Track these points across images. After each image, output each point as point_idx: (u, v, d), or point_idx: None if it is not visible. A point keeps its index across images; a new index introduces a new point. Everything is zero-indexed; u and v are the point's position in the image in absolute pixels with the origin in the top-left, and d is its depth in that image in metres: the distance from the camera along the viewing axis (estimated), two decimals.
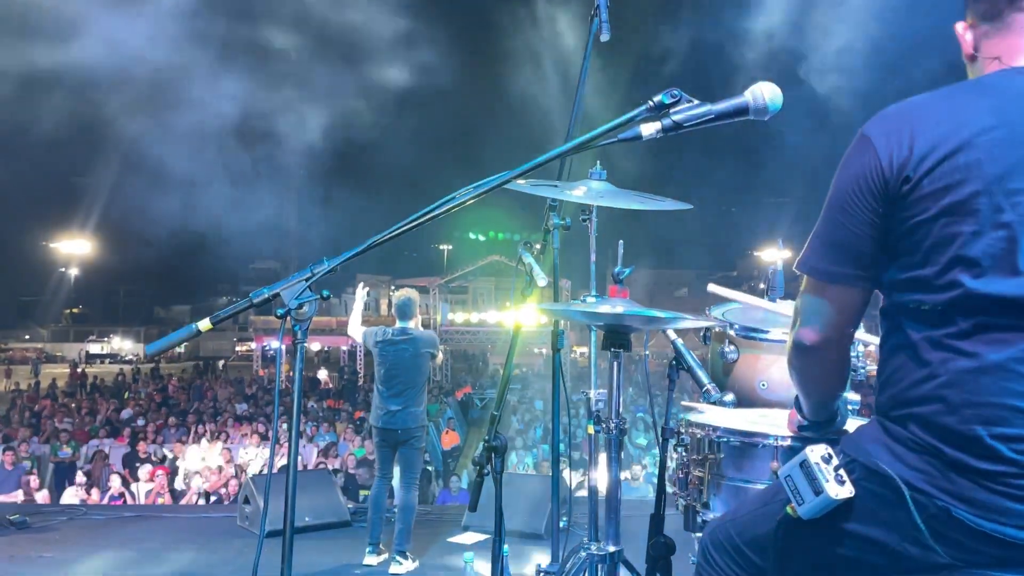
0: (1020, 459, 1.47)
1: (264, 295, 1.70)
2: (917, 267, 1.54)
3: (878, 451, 1.59)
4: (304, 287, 1.69)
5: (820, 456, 1.59)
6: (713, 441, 2.16)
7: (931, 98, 1.62)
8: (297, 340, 1.70)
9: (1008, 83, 1.59)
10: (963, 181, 1.49)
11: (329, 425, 17.39)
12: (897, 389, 1.60)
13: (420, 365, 6.21)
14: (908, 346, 1.58)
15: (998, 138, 1.49)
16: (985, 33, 1.68)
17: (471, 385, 29.93)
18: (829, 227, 1.66)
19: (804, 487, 1.59)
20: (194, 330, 1.70)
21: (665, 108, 1.68)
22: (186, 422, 17.49)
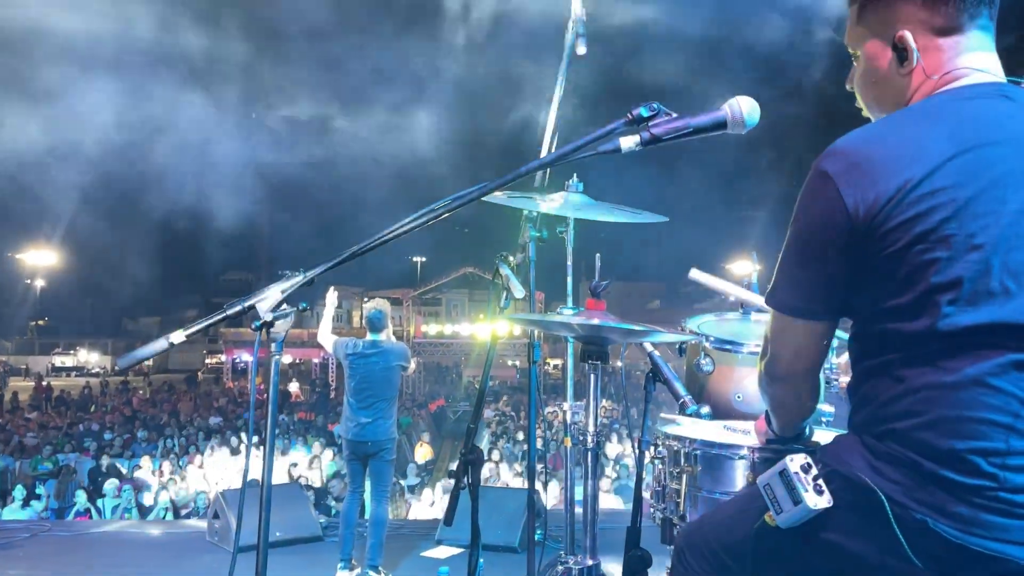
0: (998, 473, 1.48)
1: (239, 306, 1.68)
2: (892, 296, 1.54)
3: (858, 462, 1.59)
4: (280, 299, 1.67)
5: (800, 465, 1.60)
6: (690, 453, 2.17)
7: (884, 129, 1.61)
8: (272, 352, 1.68)
9: (958, 106, 1.59)
10: (932, 209, 1.49)
11: (301, 438, 17.21)
12: (873, 407, 1.60)
13: (391, 378, 6.18)
14: (883, 366, 1.59)
15: (960, 164, 1.50)
16: (936, 47, 1.65)
17: (444, 398, 29.83)
18: (795, 265, 1.65)
19: (783, 496, 1.60)
20: (167, 342, 1.67)
21: (644, 121, 1.69)
22: (154, 436, 17.22)
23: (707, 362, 2.61)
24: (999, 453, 1.49)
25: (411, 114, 23.51)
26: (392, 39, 21.19)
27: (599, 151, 1.71)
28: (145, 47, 18.78)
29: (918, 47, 1.65)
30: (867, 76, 1.75)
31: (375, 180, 35.17)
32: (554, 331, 2.61)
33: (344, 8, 22.19)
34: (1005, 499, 1.49)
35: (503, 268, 2.63)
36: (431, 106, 23.85)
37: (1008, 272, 1.49)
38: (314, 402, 26.24)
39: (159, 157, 21.12)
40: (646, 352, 2.59)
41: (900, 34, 1.66)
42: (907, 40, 1.65)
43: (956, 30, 1.65)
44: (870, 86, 1.75)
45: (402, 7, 23.77)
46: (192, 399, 24.98)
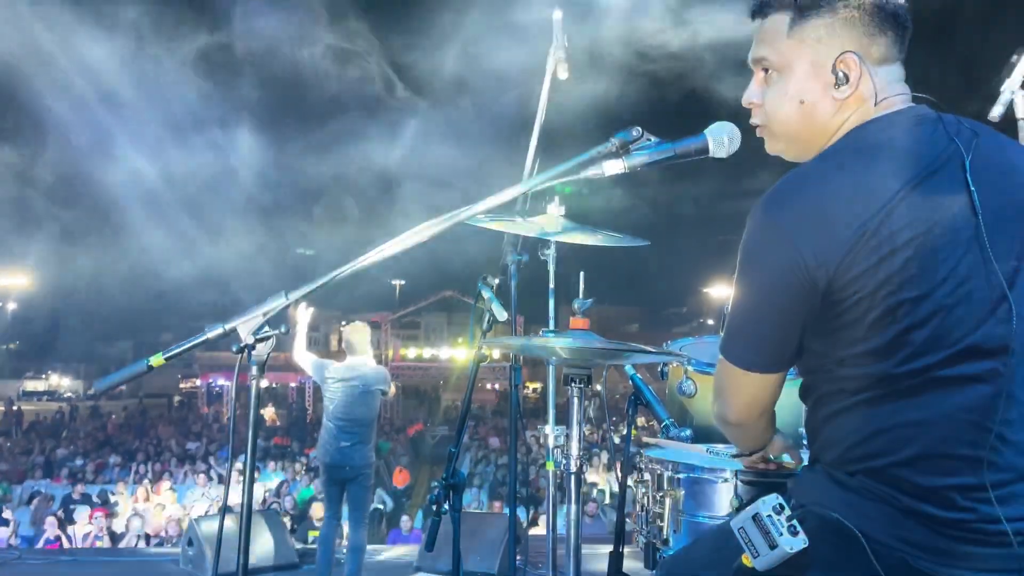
0: (975, 506, 1.48)
1: (219, 329, 1.65)
2: (860, 342, 1.51)
3: (831, 501, 1.57)
4: (261, 322, 1.65)
5: (772, 507, 1.57)
6: (673, 477, 2.16)
7: (826, 172, 1.56)
8: (252, 376, 1.65)
9: (891, 139, 1.57)
10: (893, 251, 1.47)
11: (277, 463, 17.00)
12: (844, 446, 1.58)
13: (370, 402, 6.13)
14: (852, 407, 1.56)
15: (911, 202, 1.49)
16: (872, 75, 1.63)
17: (423, 422, 29.60)
18: (749, 319, 1.61)
19: (758, 539, 1.58)
20: (145, 365, 1.64)
21: (627, 145, 1.70)
22: (127, 462, 16.93)
23: (689, 385, 2.61)
24: (975, 488, 1.48)
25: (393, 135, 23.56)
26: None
27: (583, 175, 1.72)
28: (121, 79, 18.74)
29: (860, 71, 1.62)
30: (794, 95, 1.67)
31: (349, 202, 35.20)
32: (537, 355, 2.61)
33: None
34: (981, 529, 1.48)
35: (485, 291, 2.63)
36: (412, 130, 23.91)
37: (973, 304, 1.49)
38: (290, 426, 25.94)
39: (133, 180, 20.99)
40: (628, 375, 2.59)
41: (847, 56, 1.62)
42: (854, 63, 1.62)
43: (888, 60, 1.66)
44: (794, 106, 1.67)
45: None
46: (167, 424, 24.62)
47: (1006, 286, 1.50)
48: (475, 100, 18.06)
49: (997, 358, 1.50)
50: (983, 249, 1.50)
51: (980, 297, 1.50)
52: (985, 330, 1.49)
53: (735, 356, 1.66)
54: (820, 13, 1.65)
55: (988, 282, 1.50)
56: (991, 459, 1.49)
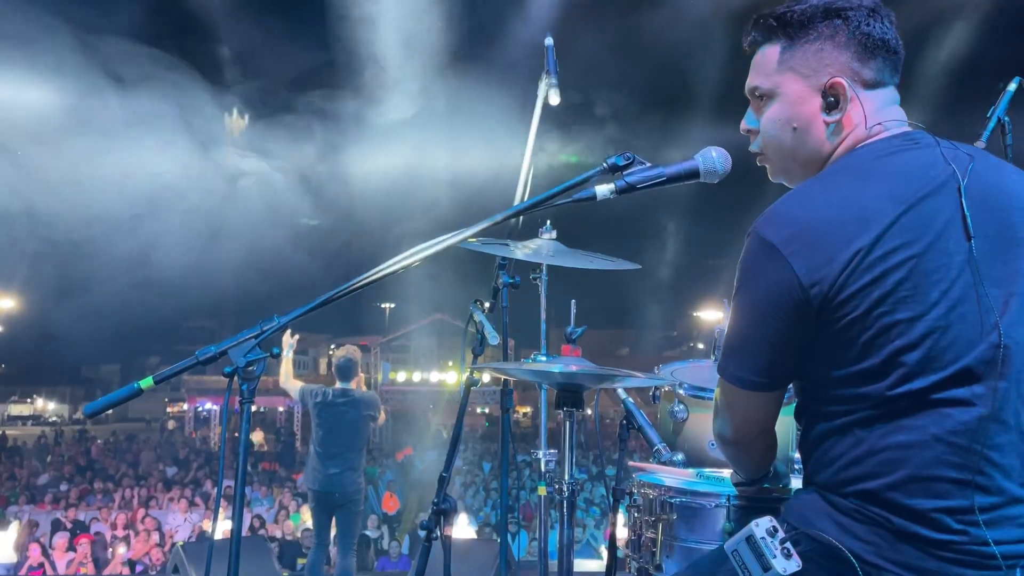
0: (967, 529, 1.49)
1: (211, 352, 1.65)
2: (854, 361, 1.53)
3: (823, 523, 1.57)
4: (253, 344, 1.65)
5: (765, 530, 1.58)
6: (665, 501, 2.15)
7: (819, 192, 1.60)
8: (244, 399, 1.64)
9: (886, 162, 1.60)
10: (887, 272, 1.49)
11: (267, 489, 16.84)
12: (836, 467, 1.59)
13: (360, 428, 6.10)
14: (844, 427, 1.57)
15: (905, 223, 1.51)
16: (864, 99, 1.67)
17: (412, 446, 29.38)
18: (745, 338, 1.64)
19: (752, 562, 1.58)
20: (136, 388, 1.63)
21: (619, 169, 1.72)
22: (112, 487, 16.73)
23: (681, 409, 2.61)
24: (966, 511, 1.49)
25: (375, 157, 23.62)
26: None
27: (574, 198, 1.73)
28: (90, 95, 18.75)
29: (851, 96, 1.66)
30: (786, 121, 1.72)
31: (333, 227, 35.23)
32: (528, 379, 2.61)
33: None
34: (974, 551, 1.49)
35: (477, 315, 2.62)
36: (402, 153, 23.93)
37: (966, 327, 1.50)
38: (279, 452, 25.70)
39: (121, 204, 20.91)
40: (620, 399, 2.59)
41: (836, 81, 1.67)
42: (843, 88, 1.66)
43: (880, 84, 1.69)
44: (788, 132, 1.72)
45: None
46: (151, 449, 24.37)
47: (998, 312, 1.52)
48: None
49: (987, 382, 1.51)
50: (976, 273, 1.52)
51: (972, 321, 1.51)
52: (977, 354, 1.51)
53: (731, 375, 1.68)
54: (809, 40, 1.69)
55: (980, 306, 1.52)
56: (980, 483, 1.50)
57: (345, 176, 21.33)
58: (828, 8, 1.69)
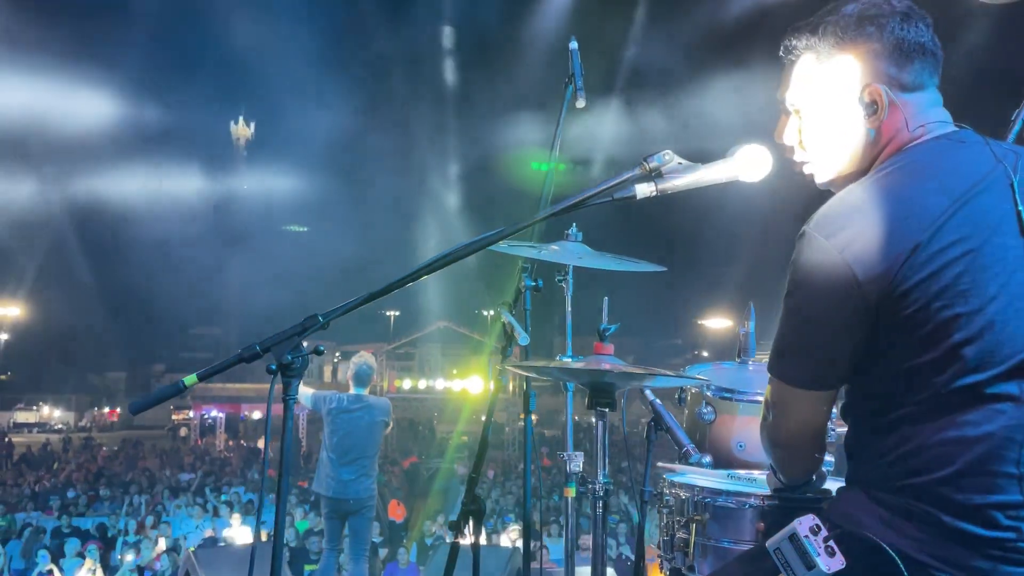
0: (1019, 525, 1.49)
1: (255, 350, 1.66)
2: (911, 356, 1.54)
3: (868, 521, 1.58)
4: (296, 343, 1.66)
5: (809, 528, 1.57)
6: (699, 502, 2.15)
7: (874, 191, 1.61)
8: (287, 397, 1.66)
9: (936, 160, 1.62)
10: (945, 266, 1.50)
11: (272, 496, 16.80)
12: (885, 463, 1.59)
13: (374, 434, 6.09)
14: (895, 422, 1.58)
15: (961, 218, 1.53)
16: (904, 103, 1.69)
17: (417, 454, 29.31)
18: (800, 336, 1.64)
19: (795, 561, 1.58)
20: (181, 386, 1.64)
21: (658, 169, 1.73)
22: (120, 494, 16.72)
23: (708, 411, 2.61)
24: (1017, 506, 1.50)
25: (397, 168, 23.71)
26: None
27: (614, 198, 1.74)
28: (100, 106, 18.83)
29: (888, 101, 1.68)
30: (825, 128, 1.75)
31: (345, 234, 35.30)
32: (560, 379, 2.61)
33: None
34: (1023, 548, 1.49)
35: (506, 316, 2.63)
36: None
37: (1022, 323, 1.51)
38: None
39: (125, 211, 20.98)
40: (648, 401, 2.59)
41: (873, 87, 1.69)
42: (880, 95, 1.68)
43: (919, 87, 1.70)
44: (829, 139, 1.75)
45: None
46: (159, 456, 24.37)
47: None
48: None
49: None
50: None
51: None
52: None
53: (787, 375, 1.67)
54: (844, 49, 1.71)
55: None
56: None
57: None
58: (861, 16, 1.71)
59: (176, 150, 21.90)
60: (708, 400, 2.62)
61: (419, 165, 23.93)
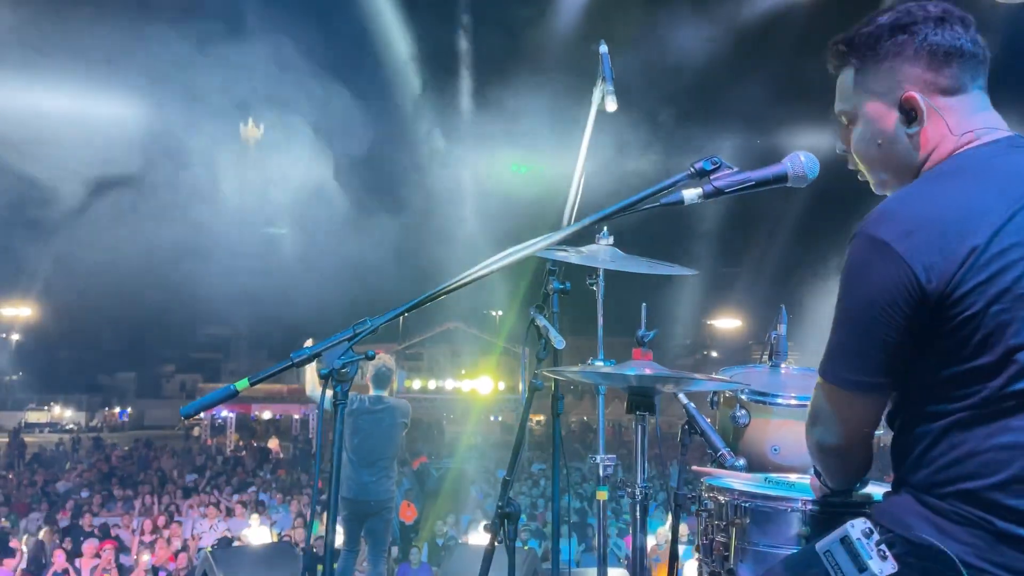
0: None
1: (305, 354, 1.67)
2: (965, 360, 1.53)
3: (921, 525, 1.57)
4: (347, 347, 1.67)
5: (861, 531, 1.57)
6: (739, 506, 2.16)
7: (930, 191, 1.62)
8: (338, 401, 1.67)
9: (993, 163, 1.62)
10: (1004, 268, 1.50)
11: (284, 496, 16.87)
12: (935, 468, 1.59)
13: (395, 435, 6.12)
14: (946, 428, 1.58)
15: (1019, 222, 1.52)
16: (948, 107, 1.69)
17: (427, 455, 29.34)
18: (856, 338, 1.63)
19: (846, 564, 1.57)
20: (233, 390, 1.65)
21: (706, 174, 1.74)
22: (132, 494, 16.80)
23: (743, 414, 2.61)
24: None
25: None
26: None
27: (662, 202, 1.75)
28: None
29: (927, 107, 1.68)
30: (871, 139, 1.76)
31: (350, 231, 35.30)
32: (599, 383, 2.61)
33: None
34: None
35: (539, 319, 2.63)
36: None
37: None
38: (294, 458, 25.74)
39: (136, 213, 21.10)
40: (682, 404, 2.59)
41: (909, 95, 1.69)
42: (916, 102, 1.68)
43: (960, 90, 1.70)
44: (875, 148, 1.76)
45: None
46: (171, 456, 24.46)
47: None
48: None
49: None
50: None
51: None
52: None
53: (842, 378, 1.66)
54: (879, 59, 1.72)
55: None
56: None
57: None
58: (894, 25, 1.72)
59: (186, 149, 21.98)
60: (742, 403, 2.62)
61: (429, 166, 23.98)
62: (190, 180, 20.53)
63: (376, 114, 20.27)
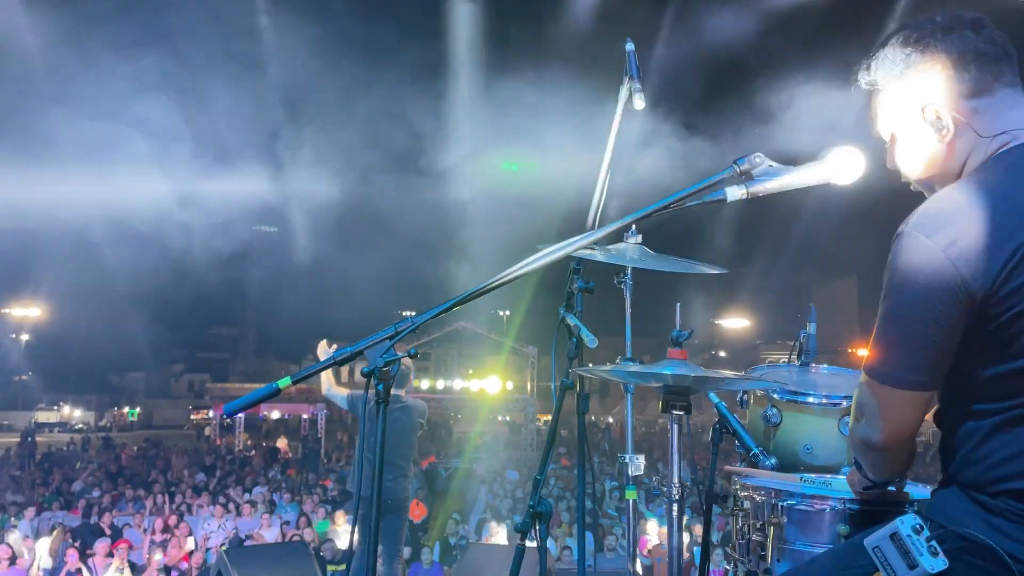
0: None
1: (347, 353, 1.67)
2: (1012, 359, 1.54)
3: (973, 522, 1.57)
4: (389, 345, 1.66)
5: (911, 527, 1.57)
6: (776, 505, 2.14)
7: (973, 192, 1.61)
8: (380, 399, 1.66)
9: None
10: None
11: (293, 495, 16.90)
12: (982, 467, 1.59)
13: (411, 435, 6.12)
14: (993, 428, 1.58)
15: None
16: (975, 110, 1.69)
17: (435, 454, 29.38)
18: (902, 336, 1.64)
19: (896, 560, 1.57)
20: (275, 388, 1.65)
21: (750, 172, 1.72)
22: (143, 493, 16.85)
23: (774, 413, 2.60)
24: None
25: None
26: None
27: (704, 200, 1.74)
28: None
29: (954, 114, 1.69)
30: (908, 151, 1.79)
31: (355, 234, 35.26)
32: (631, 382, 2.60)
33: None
34: None
35: (570, 318, 2.62)
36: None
37: None
38: (304, 458, 25.79)
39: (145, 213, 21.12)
40: (713, 404, 2.58)
41: (932, 107, 1.71)
42: (939, 112, 1.70)
43: (984, 92, 1.70)
44: (913, 160, 1.79)
45: None
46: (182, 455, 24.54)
47: None
48: None
49: None
50: None
51: None
52: None
53: (889, 376, 1.66)
54: (898, 78, 1.75)
55: None
56: None
57: None
58: (905, 43, 1.75)
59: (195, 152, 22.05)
60: (774, 402, 2.61)
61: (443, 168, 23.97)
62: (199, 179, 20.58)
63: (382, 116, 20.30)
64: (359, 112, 19.56)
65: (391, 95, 19.38)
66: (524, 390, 33.19)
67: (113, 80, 17.05)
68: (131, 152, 19.10)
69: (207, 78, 18.88)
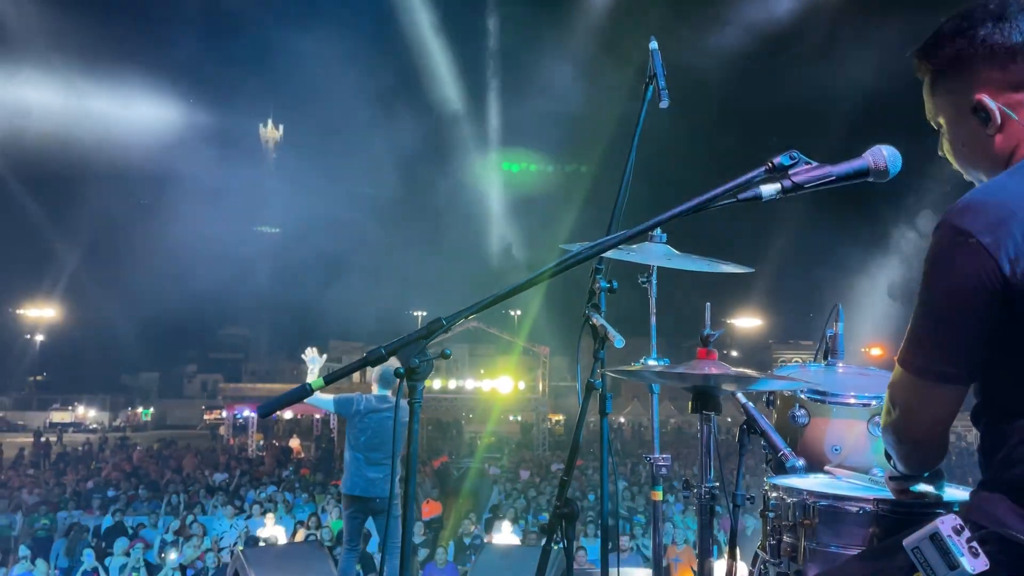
0: None
1: (380, 353, 1.66)
2: None
3: (1014, 522, 1.55)
4: (422, 346, 1.66)
5: (952, 528, 1.55)
6: (808, 506, 2.12)
7: (1013, 183, 1.61)
8: (413, 400, 1.66)
9: None
10: None
11: (309, 495, 16.95)
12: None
13: (402, 433, 6.12)
14: None
15: None
16: (1020, 103, 1.67)
17: (448, 454, 29.40)
18: (938, 329, 1.62)
19: (936, 561, 1.54)
20: (308, 388, 1.65)
21: (784, 169, 1.71)
22: (157, 493, 16.93)
23: (802, 413, 2.58)
24: None
25: None
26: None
27: (739, 199, 1.72)
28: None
29: (1002, 105, 1.67)
30: (956, 142, 1.78)
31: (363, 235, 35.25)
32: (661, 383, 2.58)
33: None
34: None
35: (596, 318, 2.61)
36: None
37: None
38: (318, 458, 25.86)
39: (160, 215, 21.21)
40: (740, 404, 2.56)
41: (978, 97, 1.69)
42: (985, 103, 1.68)
43: None
44: (961, 151, 1.78)
45: None
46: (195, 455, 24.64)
47: None
48: None
49: None
50: None
51: None
52: None
53: (924, 369, 1.65)
54: (946, 66, 1.74)
55: None
56: None
57: None
58: (954, 30, 1.73)
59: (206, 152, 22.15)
60: (801, 403, 2.59)
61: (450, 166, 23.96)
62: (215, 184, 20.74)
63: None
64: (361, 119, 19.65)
65: None
66: (536, 390, 33.17)
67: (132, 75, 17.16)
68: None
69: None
